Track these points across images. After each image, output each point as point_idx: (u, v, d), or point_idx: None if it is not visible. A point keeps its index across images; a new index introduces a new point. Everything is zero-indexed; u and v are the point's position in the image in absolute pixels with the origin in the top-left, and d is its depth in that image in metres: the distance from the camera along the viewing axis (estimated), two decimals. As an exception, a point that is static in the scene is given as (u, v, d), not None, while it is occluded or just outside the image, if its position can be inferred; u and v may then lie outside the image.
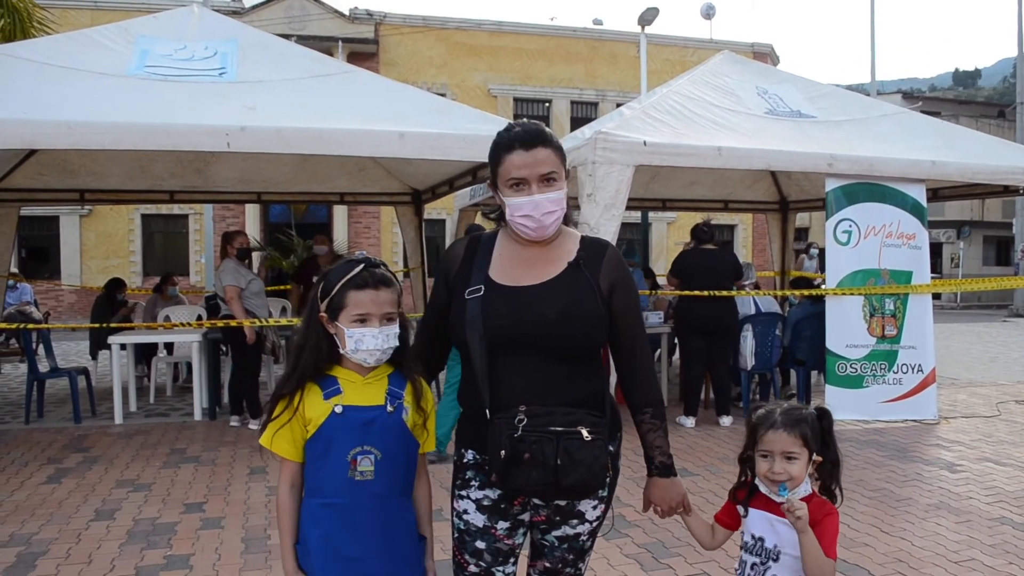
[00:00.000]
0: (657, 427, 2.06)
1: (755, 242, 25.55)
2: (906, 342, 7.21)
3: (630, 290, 2.07)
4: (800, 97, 8.09)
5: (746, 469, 2.17)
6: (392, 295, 1.96)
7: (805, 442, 2.02)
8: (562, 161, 2.01)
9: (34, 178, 8.79)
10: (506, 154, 1.97)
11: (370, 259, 1.98)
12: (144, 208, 20.64)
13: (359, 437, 1.92)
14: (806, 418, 2.04)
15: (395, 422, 1.96)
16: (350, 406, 1.93)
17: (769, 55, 24.94)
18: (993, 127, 27.96)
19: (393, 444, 1.95)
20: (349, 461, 1.91)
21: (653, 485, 2.09)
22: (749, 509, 2.13)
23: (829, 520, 2.01)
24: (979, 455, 5.93)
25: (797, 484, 2.02)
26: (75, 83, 5.87)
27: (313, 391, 1.95)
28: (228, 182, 9.78)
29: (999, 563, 3.82)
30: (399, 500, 1.99)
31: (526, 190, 1.96)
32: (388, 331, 1.93)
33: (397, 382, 2.00)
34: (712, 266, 7.12)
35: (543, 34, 24.27)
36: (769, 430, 2.03)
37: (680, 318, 7.30)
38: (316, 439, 1.93)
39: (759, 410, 2.12)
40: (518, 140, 1.96)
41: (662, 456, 2.07)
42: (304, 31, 20.43)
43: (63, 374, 7.63)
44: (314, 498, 1.95)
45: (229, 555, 3.96)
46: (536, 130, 1.99)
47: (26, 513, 4.61)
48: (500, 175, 2.00)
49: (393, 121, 5.94)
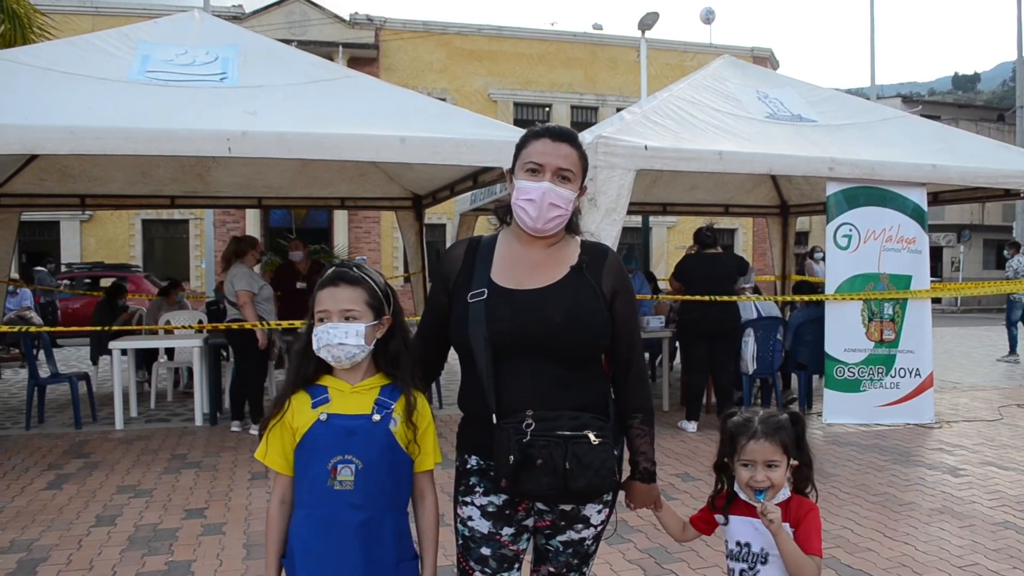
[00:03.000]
0: (645, 433, 2.08)
1: (755, 246, 25.56)
2: (904, 346, 7.22)
3: (630, 296, 2.09)
4: (801, 101, 8.10)
5: (722, 476, 2.19)
6: (353, 293, 1.93)
7: (785, 449, 2.05)
8: (583, 169, 2.06)
9: (35, 183, 8.80)
10: (534, 140, 2.04)
11: (344, 261, 2.02)
12: (144, 213, 20.67)
13: (341, 446, 1.90)
14: (784, 425, 2.08)
15: (380, 432, 1.93)
16: (335, 414, 1.92)
17: (769, 59, 24.97)
18: (993, 131, 27.96)
19: (376, 455, 1.91)
20: (329, 470, 1.89)
21: (633, 488, 2.12)
22: (730, 516, 2.14)
23: (811, 516, 2.05)
24: (982, 459, 5.92)
25: (778, 490, 2.05)
26: (76, 88, 5.88)
27: (303, 400, 1.95)
28: (229, 187, 9.79)
29: (1003, 567, 3.81)
30: (383, 514, 1.94)
31: (540, 176, 1.99)
32: (345, 328, 1.90)
33: (389, 393, 1.98)
34: (715, 270, 7.11)
35: (543, 39, 24.31)
36: (751, 440, 2.05)
37: (683, 322, 7.28)
38: (301, 447, 1.93)
39: (732, 417, 2.14)
40: (549, 131, 2.04)
41: (646, 462, 2.09)
42: (304, 36, 20.48)
43: (64, 379, 7.61)
44: (299, 509, 1.94)
45: (231, 561, 3.95)
46: (568, 130, 2.08)
47: (27, 519, 4.60)
48: (521, 158, 2.05)
49: (394, 126, 5.94)
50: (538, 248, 2.06)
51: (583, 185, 2.08)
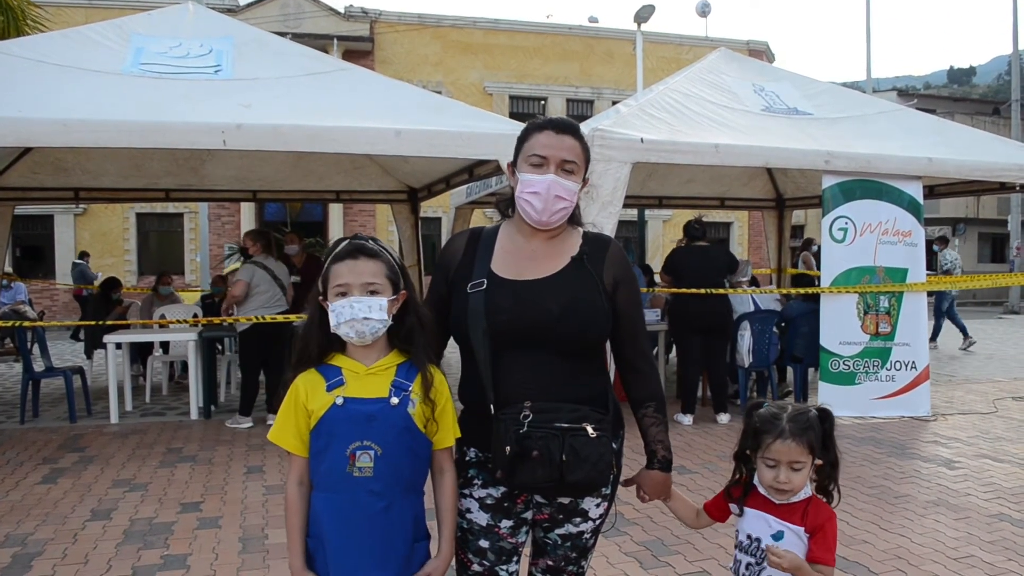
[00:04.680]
0: (659, 421, 2.07)
1: (751, 239, 25.57)
2: (900, 339, 7.22)
3: (633, 286, 2.07)
4: (797, 94, 8.09)
5: (741, 466, 2.15)
6: (375, 266, 1.89)
7: (811, 449, 1.99)
8: (586, 161, 2.05)
9: (28, 177, 8.76)
10: (536, 133, 2.02)
11: (358, 235, 1.97)
12: (139, 207, 20.57)
13: (360, 431, 1.85)
14: (812, 424, 2.00)
15: (399, 416, 1.88)
16: (352, 398, 1.87)
17: (764, 52, 24.94)
18: (988, 124, 27.98)
19: (395, 440, 1.87)
20: (348, 456, 1.86)
21: (649, 477, 2.10)
22: (745, 508, 2.10)
23: (829, 525, 2.00)
24: (977, 452, 5.93)
25: (798, 491, 2.01)
26: (70, 81, 5.84)
27: (317, 382, 1.90)
28: (224, 180, 9.75)
29: (998, 559, 3.83)
30: (400, 499, 1.91)
31: (544, 169, 1.98)
32: (368, 302, 1.85)
33: (405, 373, 1.92)
34: (704, 263, 7.11)
35: (539, 32, 24.23)
36: (777, 439, 1.98)
37: (675, 316, 7.27)
38: (317, 431, 1.89)
39: (759, 409, 2.08)
40: (552, 124, 2.02)
41: (664, 450, 2.08)
42: (299, 29, 20.37)
43: (58, 373, 7.59)
44: (318, 492, 1.91)
45: (226, 554, 3.94)
46: (571, 121, 2.06)
47: (22, 513, 4.59)
48: (523, 151, 2.03)
49: (390, 118, 5.92)
50: (539, 239, 2.05)
51: (586, 176, 2.07)
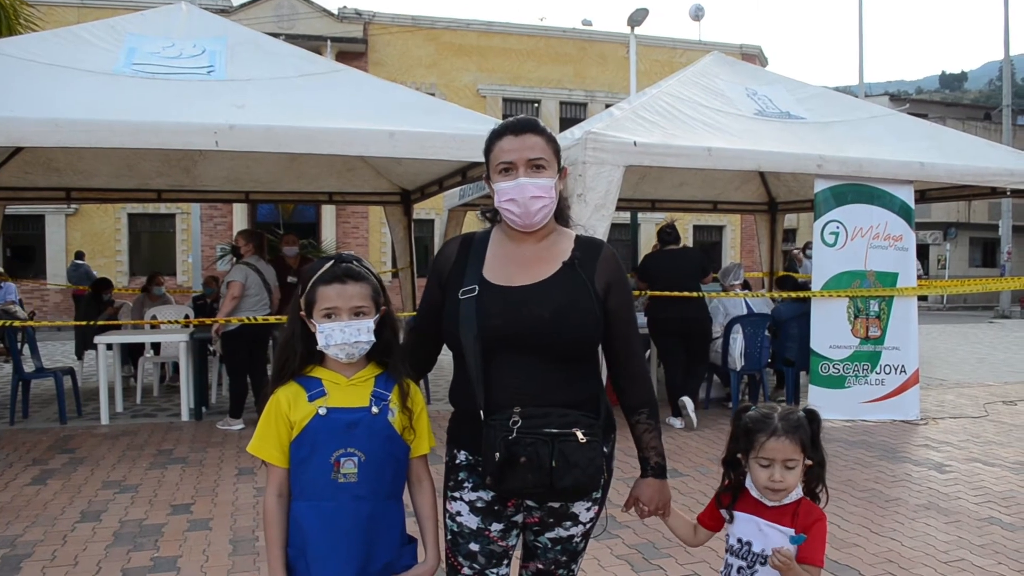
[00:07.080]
0: (652, 428, 2.06)
1: (744, 243, 25.64)
2: (890, 343, 7.24)
3: (625, 290, 2.06)
4: (789, 98, 8.12)
5: (730, 472, 2.15)
6: (362, 289, 1.94)
7: (803, 448, 2.00)
8: (555, 153, 2.02)
9: (19, 176, 8.72)
10: (498, 140, 2.01)
11: (342, 255, 2.01)
12: (131, 207, 20.52)
13: (342, 439, 1.91)
14: (802, 423, 2.02)
15: (380, 424, 1.95)
16: (334, 408, 1.93)
17: (757, 56, 25.04)
18: (980, 129, 28.13)
19: (377, 447, 1.94)
20: (332, 463, 1.91)
21: (646, 485, 2.08)
22: (734, 513, 2.10)
23: (818, 526, 2.01)
24: (967, 455, 5.95)
25: (791, 491, 2.01)
26: (62, 81, 5.82)
27: (298, 393, 1.95)
28: (216, 181, 9.73)
29: (988, 563, 3.84)
30: (384, 503, 1.96)
31: (513, 174, 1.97)
32: (358, 325, 1.92)
33: (384, 384, 1.99)
34: (677, 266, 7.08)
35: (532, 34, 24.27)
36: (771, 438, 1.99)
37: (653, 320, 7.17)
38: (300, 441, 1.93)
39: (748, 412, 2.09)
40: (509, 128, 2.01)
41: (657, 457, 2.07)
42: (293, 30, 20.36)
43: (48, 374, 7.55)
44: (300, 501, 1.94)
45: (217, 556, 3.93)
46: (527, 119, 2.04)
47: (11, 515, 4.56)
48: (491, 162, 2.03)
49: (383, 120, 5.91)
50: (530, 244, 2.05)
51: (561, 168, 2.05)
